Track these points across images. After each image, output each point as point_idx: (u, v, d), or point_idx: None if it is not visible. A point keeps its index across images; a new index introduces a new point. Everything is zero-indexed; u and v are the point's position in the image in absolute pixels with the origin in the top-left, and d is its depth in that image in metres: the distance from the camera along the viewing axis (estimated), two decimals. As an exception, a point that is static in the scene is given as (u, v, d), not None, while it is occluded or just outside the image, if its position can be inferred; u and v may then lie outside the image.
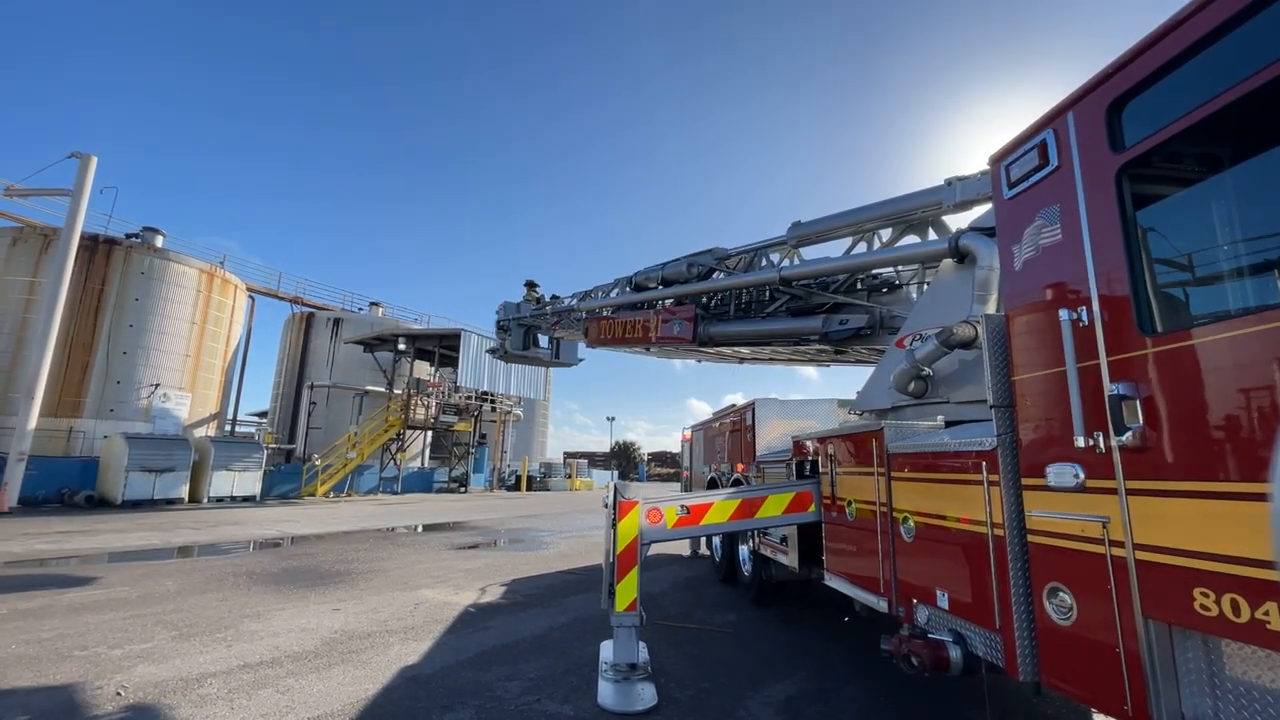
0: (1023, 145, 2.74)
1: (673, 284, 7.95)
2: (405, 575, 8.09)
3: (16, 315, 20.19)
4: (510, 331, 11.83)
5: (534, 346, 12.07)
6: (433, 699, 3.88)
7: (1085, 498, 2.28)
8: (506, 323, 11.91)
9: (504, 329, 12.00)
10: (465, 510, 20.27)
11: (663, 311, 8.15)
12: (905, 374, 3.73)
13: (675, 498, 4.81)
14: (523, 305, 11.71)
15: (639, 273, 8.70)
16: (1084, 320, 2.32)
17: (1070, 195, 2.45)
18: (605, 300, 9.48)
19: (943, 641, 2.96)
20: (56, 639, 4.94)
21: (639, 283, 8.65)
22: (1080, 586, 2.29)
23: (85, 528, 12.56)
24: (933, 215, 4.50)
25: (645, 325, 8.39)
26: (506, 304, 11.99)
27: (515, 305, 11.83)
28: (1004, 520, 2.67)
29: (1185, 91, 2.07)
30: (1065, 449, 2.37)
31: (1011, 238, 2.78)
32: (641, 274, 8.60)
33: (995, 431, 2.76)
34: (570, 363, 12.62)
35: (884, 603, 3.65)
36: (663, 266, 8.16)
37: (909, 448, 3.47)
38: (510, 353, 11.89)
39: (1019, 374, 2.68)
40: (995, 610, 2.69)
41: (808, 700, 4.04)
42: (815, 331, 5.91)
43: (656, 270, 8.26)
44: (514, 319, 11.73)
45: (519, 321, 11.67)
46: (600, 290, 9.85)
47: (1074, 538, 2.32)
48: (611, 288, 9.60)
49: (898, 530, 3.53)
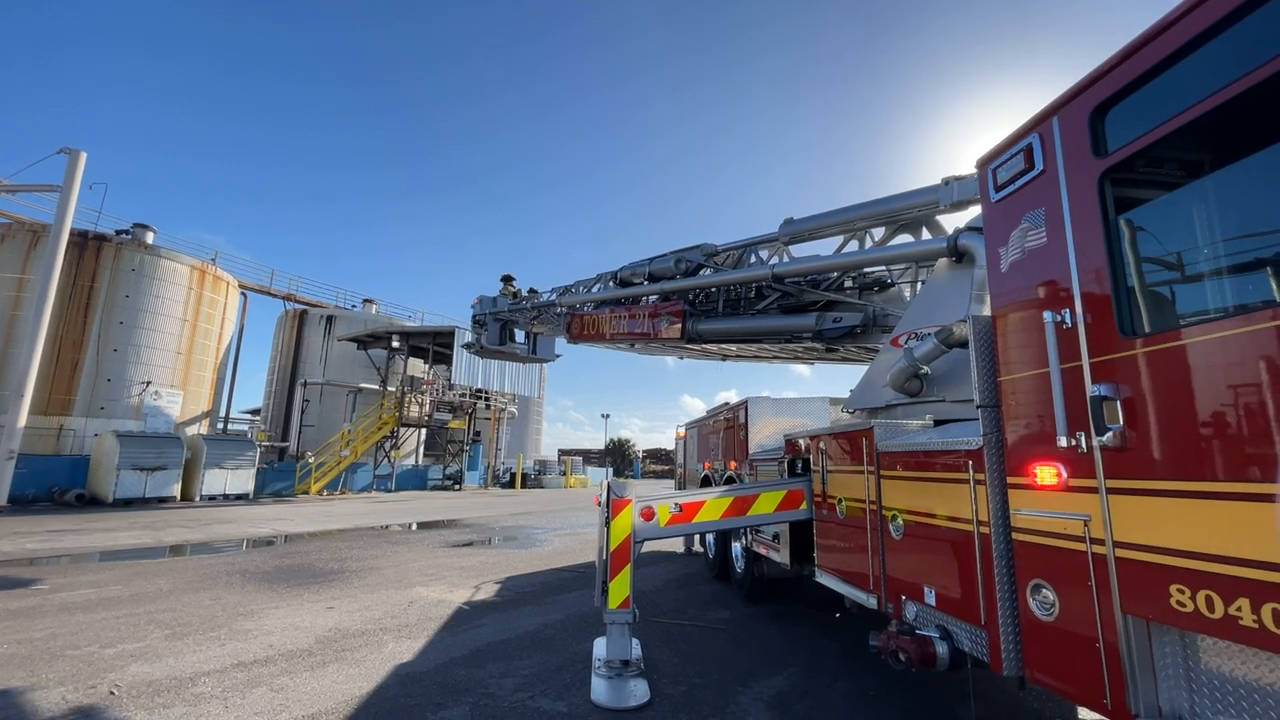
0: (1009, 149, 2.78)
1: (660, 279, 7.89)
2: (399, 573, 8.11)
3: (5, 312, 19.99)
4: (486, 326, 11.70)
5: (510, 342, 11.97)
6: (426, 696, 3.91)
7: (1067, 496, 2.33)
8: (483, 317, 11.77)
9: (480, 324, 11.85)
10: (459, 508, 20.27)
11: (650, 307, 8.12)
12: (903, 372, 3.76)
13: (668, 495, 4.84)
14: (499, 300, 11.56)
15: (624, 267, 8.61)
16: (1067, 322, 2.36)
17: (1054, 199, 2.49)
18: (588, 296, 9.40)
19: (929, 637, 3.01)
20: (49, 639, 4.93)
21: (624, 278, 8.57)
22: (1062, 583, 2.34)
23: (76, 526, 12.49)
24: (926, 215, 4.54)
25: (631, 321, 8.36)
26: (483, 298, 11.80)
27: (491, 300, 11.66)
28: (989, 518, 2.72)
29: (1166, 98, 2.11)
30: (1048, 448, 2.41)
31: (998, 239, 2.82)
32: (627, 269, 8.51)
33: (981, 431, 2.80)
34: (548, 359, 12.54)
35: (873, 599, 3.70)
36: (650, 261, 8.09)
37: (898, 446, 3.51)
38: (486, 348, 11.79)
39: (1005, 374, 2.73)
40: (981, 606, 2.74)
41: (798, 695, 4.09)
42: (808, 329, 5.93)
43: (643, 265, 8.18)
44: (490, 314, 11.59)
45: (495, 316, 11.54)
46: (581, 285, 9.77)
47: (1056, 535, 2.37)
48: (593, 283, 9.51)
49: (887, 528, 3.58)
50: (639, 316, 8.26)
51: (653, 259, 8.09)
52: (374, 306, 35.44)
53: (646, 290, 8.11)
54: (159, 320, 22.21)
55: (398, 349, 29.42)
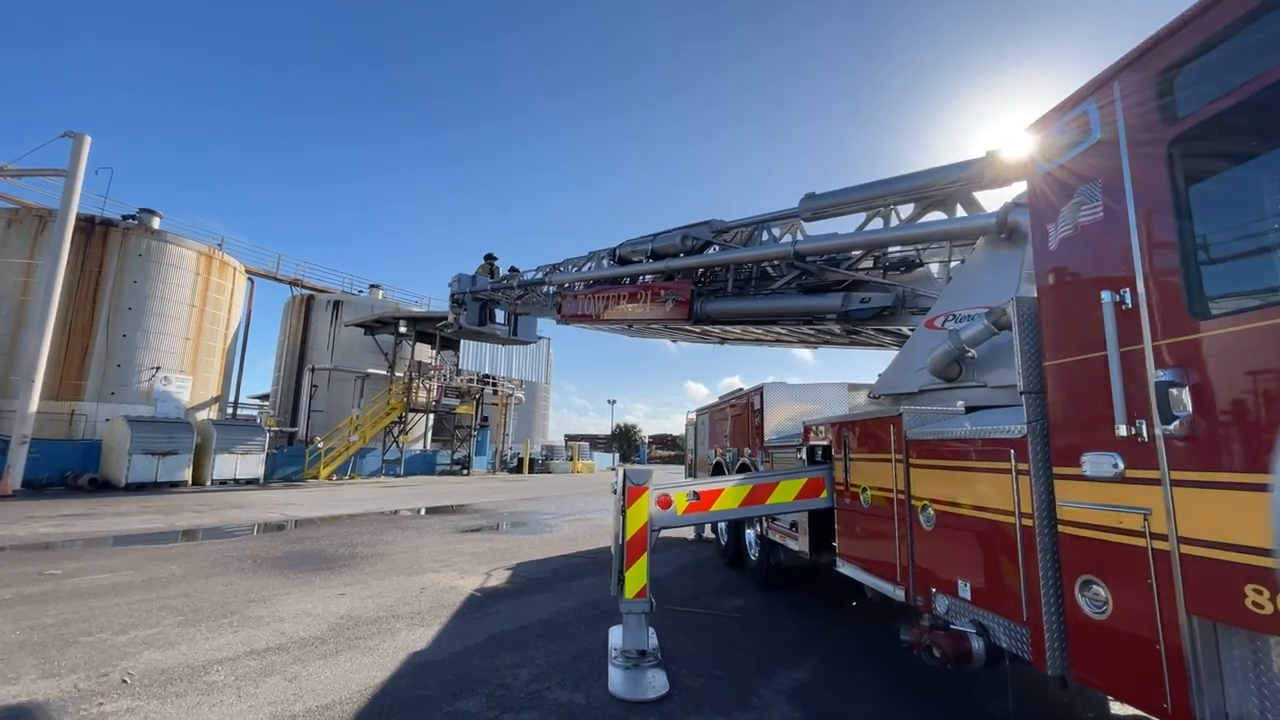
0: (1062, 117, 2.59)
1: (664, 257, 7.48)
2: (410, 559, 8.08)
3: (14, 298, 20.03)
4: (465, 306, 11.26)
5: (490, 322, 11.65)
6: (442, 686, 3.84)
7: (1125, 488, 2.18)
8: (461, 296, 11.25)
9: (459, 303, 11.38)
10: (468, 493, 20.33)
11: (652, 287, 7.80)
12: (947, 355, 3.57)
13: (685, 484, 4.73)
14: (478, 278, 11.09)
15: (623, 244, 8.21)
16: (1127, 303, 2.20)
17: (1114, 170, 2.31)
18: (581, 274, 9.02)
19: (965, 633, 2.89)
20: (61, 624, 4.91)
21: (623, 255, 8.18)
22: (1117, 580, 2.21)
23: (89, 511, 12.57)
24: (962, 191, 4.30)
25: (631, 300, 7.98)
26: (461, 277, 11.32)
27: (470, 278, 11.17)
28: (1033, 510, 2.58)
29: (1247, 57, 1.93)
30: (1103, 437, 2.26)
31: (1047, 215, 2.64)
32: (626, 246, 8.11)
33: (1025, 419, 2.66)
34: (529, 341, 12.23)
35: (900, 591, 3.58)
36: (653, 238, 7.69)
37: (930, 434, 3.37)
38: (465, 328, 11.45)
39: (1052, 359, 2.57)
40: (1023, 602, 2.61)
41: (820, 687, 4.00)
42: (833, 310, 5.66)
43: (645, 242, 7.77)
44: (470, 293, 11.13)
45: (475, 296, 11.11)
46: (571, 264, 9.35)
47: (1111, 529, 2.23)
48: (585, 261, 9.09)
49: (916, 518, 3.45)
50: (640, 296, 7.92)
51: (656, 235, 7.69)
52: (380, 292, 35.36)
53: (649, 268, 7.74)
54: (167, 305, 22.21)
55: (405, 334, 29.36)
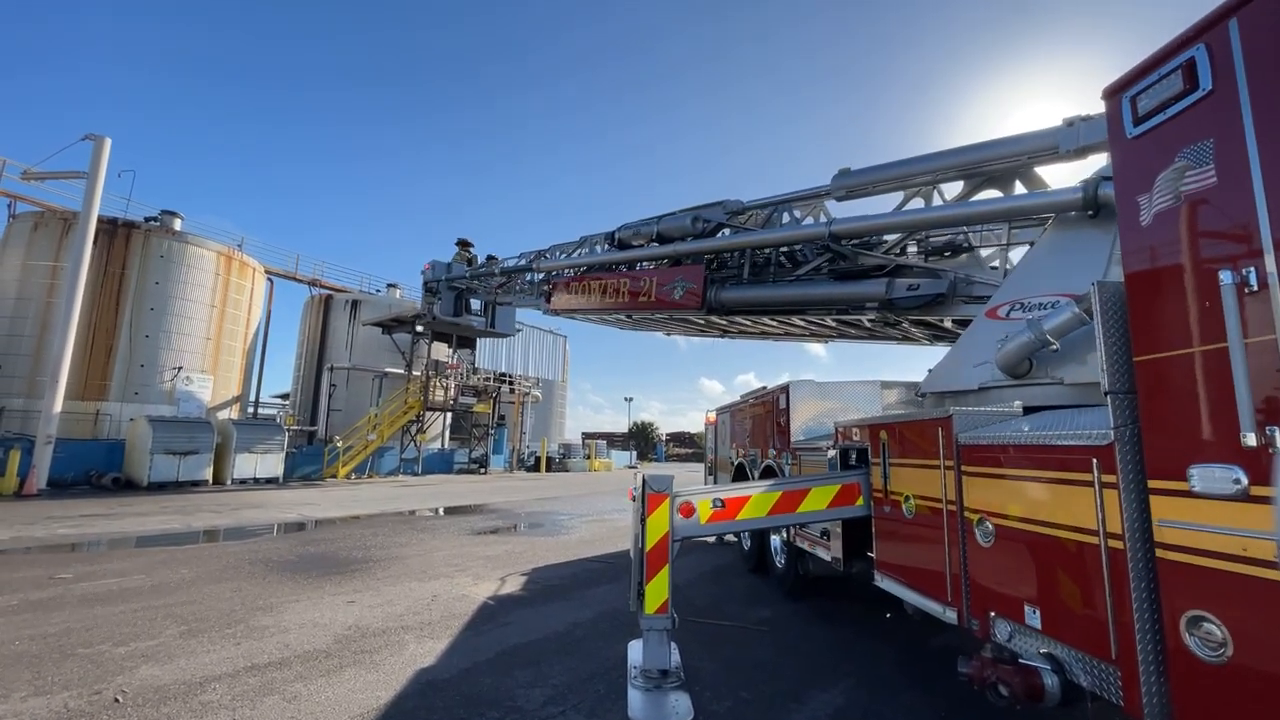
0: (1157, 69, 2.21)
1: (671, 241, 6.88)
2: (423, 563, 7.86)
3: (40, 300, 20.34)
4: (440, 295, 10.75)
5: (466, 313, 11.15)
6: (448, 710, 3.57)
7: (1250, 509, 1.81)
8: (435, 285, 10.55)
9: (433, 292, 10.77)
10: (485, 492, 20.19)
11: (658, 273, 7.17)
12: (1024, 348, 3.15)
13: (709, 490, 4.40)
14: (453, 266, 10.40)
15: (622, 228, 7.60)
16: (1253, 284, 1.82)
17: (1232, 126, 1.93)
18: (573, 260, 8.49)
19: (1036, 668, 2.52)
20: (62, 634, 4.75)
21: (623, 239, 7.61)
22: (1239, 619, 1.84)
23: (108, 511, 12.61)
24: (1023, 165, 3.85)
25: (635, 288, 7.37)
26: (435, 264, 10.66)
27: (445, 266, 10.52)
28: (1123, 530, 2.21)
29: None
30: (1219, 447, 1.89)
31: (1137, 186, 2.26)
32: (627, 229, 7.50)
33: (1112, 423, 2.28)
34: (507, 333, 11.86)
35: (952, 613, 3.21)
36: (658, 220, 7.10)
37: (988, 439, 3.00)
38: (439, 318, 10.99)
39: (1146, 353, 2.20)
40: (1111, 636, 2.24)
41: (859, 713, 3.66)
42: (875, 298, 5.16)
43: (649, 225, 7.17)
44: (445, 281, 10.44)
45: (450, 284, 10.52)
46: (560, 250, 8.70)
47: (1230, 558, 1.86)
48: (576, 247, 8.50)
49: (971, 532, 3.08)
50: (644, 282, 7.35)
51: (661, 217, 7.10)
52: (398, 291, 35.47)
53: (654, 253, 7.17)
54: (188, 306, 22.41)
55: (421, 333, 29.36)
